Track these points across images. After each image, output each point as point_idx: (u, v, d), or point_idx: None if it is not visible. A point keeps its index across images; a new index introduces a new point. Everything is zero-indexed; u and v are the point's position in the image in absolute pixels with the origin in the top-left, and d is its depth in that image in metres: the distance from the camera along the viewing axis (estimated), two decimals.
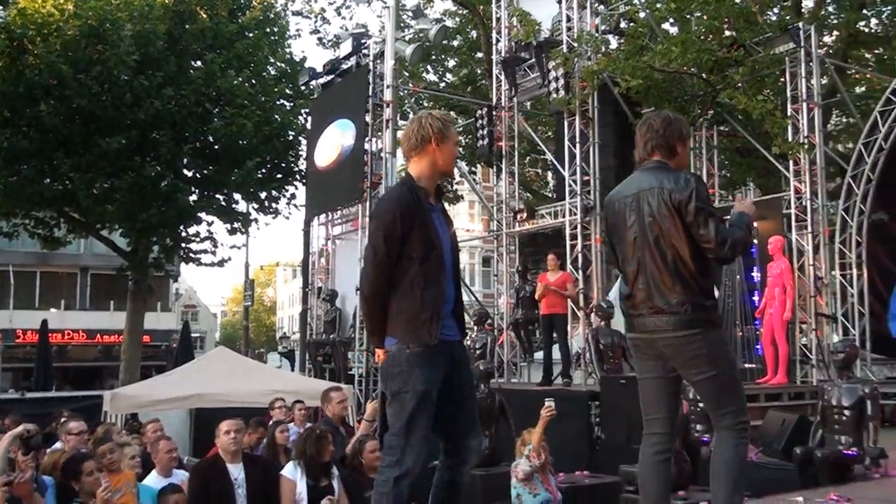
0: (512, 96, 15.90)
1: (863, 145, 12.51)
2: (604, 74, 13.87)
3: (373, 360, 14.72)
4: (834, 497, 5.62)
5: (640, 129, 3.97)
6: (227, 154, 19.70)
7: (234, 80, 19.20)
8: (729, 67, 13.37)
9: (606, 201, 4.04)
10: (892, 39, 18.58)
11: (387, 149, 15.71)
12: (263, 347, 62.87)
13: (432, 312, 3.59)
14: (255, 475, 6.70)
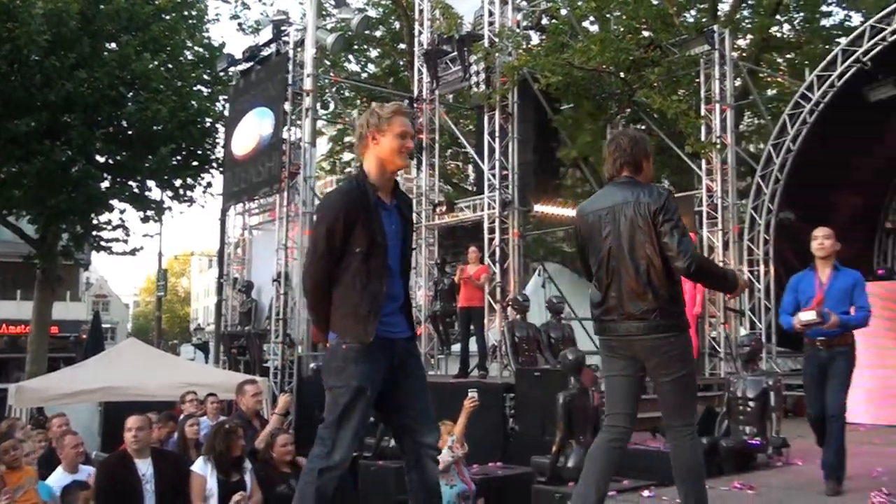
0: (433, 89, 15.91)
1: (772, 146, 12.89)
2: (524, 70, 13.99)
3: (289, 352, 14.58)
4: (738, 485, 5.80)
5: (609, 147, 4.20)
6: (141, 140, 19.22)
7: (150, 64, 18.74)
8: (646, 67, 13.65)
9: (579, 213, 4.25)
10: (802, 45, 19.24)
11: (306, 138, 15.55)
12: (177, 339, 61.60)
13: (370, 309, 3.57)
14: (164, 471, 6.57)
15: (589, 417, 7.96)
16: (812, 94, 12.24)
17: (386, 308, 3.64)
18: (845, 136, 12.70)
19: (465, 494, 6.74)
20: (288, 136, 15.66)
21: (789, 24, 20.61)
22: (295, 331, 14.80)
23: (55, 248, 20.39)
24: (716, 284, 4.42)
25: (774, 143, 12.80)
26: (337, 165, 24.30)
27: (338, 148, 24.13)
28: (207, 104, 20.99)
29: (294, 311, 14.88)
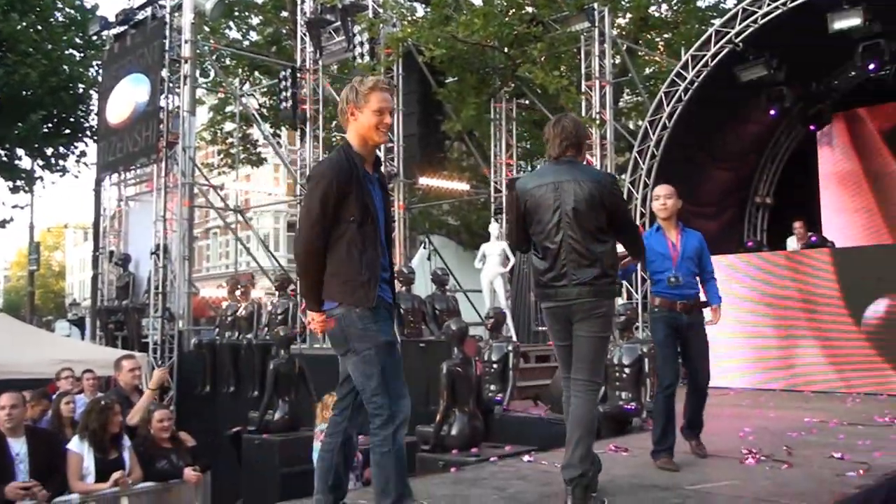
0: (317, 59, 15.69)
1: (648, 123, 13.26)
2: (409, 42, 13.96)
3: (168, 327, 14.21)
4: (612, 448, 6.01)
5: (554, 129, 4.45)
6: (9, 105, 18.27)
7: (18, 25, 17.81)
8: (528, 43, 13.84)
9: (523, 187, 4.45)
10: (679, 25, 19.83)
11: (185, 107, 15.09)
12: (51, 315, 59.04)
13: (370, 276, 3.63)
14: (38, 449, 6.39)
15: (472, 387, 8.10)
16: (687, 73, 12.64)
17: (382, 275, 3.73)
18: (718, 114, 13.20)
19: (354, 465, 6.75)
20: (166, 104, 15.14)
21: (667, 5, 21.21)
22: (175, 305, 14.43)
23: None
24: (637, 251, 4.67)
25: (651, 120, 13.17)
26: (218, 136, 23.68)
27: (219, 118, 23.49)
28: (80, 69, 20.13)
29: (174, 284, 14.50)
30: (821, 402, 9.27)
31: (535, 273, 4.47)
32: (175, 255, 14.64)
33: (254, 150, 24.38)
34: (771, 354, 10.72)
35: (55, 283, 68.64)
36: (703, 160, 13.79)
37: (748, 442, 6.31)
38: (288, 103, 15.77)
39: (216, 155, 25.14)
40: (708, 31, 12.97)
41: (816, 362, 10.35)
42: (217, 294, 22.33)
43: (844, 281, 10.31)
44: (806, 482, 4.86)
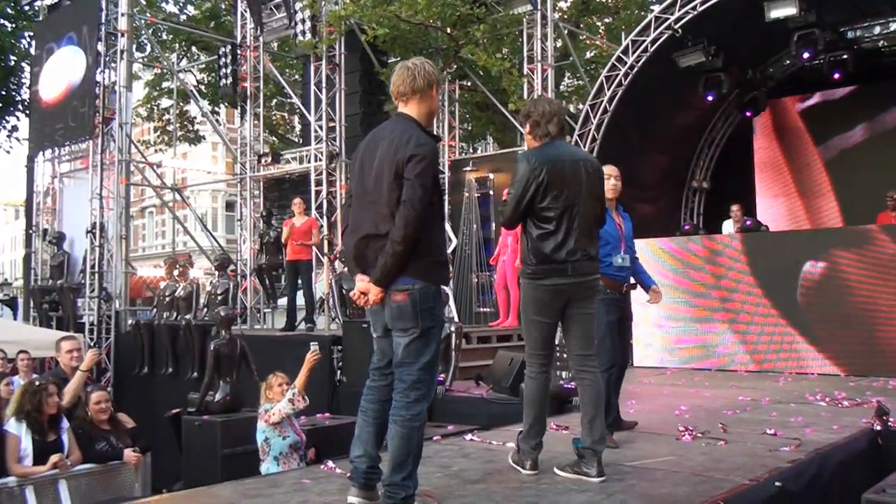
0: (258, 35, 15.49)
1: (589, 107, 13.39)
2: (351, 20, 13.86)
3: (105, 307, 13.96)
4: (554, 426, 6.12)
5: (550, 107, 4.70)
6: None
7: None
8: (471, 24, 13.85)
9: (543, 159, 4.46)
10: (620, 10, 20.03)
11: (121, 82, 14.77)
12: None
13: (446, 257, 3.95)
14: None
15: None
16: (627, 57, 12.78)
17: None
18: (657, 99, 13.39)
19: (297, 445, 6.77)
20: (102, 79, 14.79)
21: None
22: (111, 284, 14.18)
23: None
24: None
25: (592, 104, 13.31)
26: (155, 112, 23.20)
27: (155, 93, 23.01)
28: (11, 40, 19.50)
29: (111, 264, 14.24)
30: (754, 381, 9.56)
31: (537, 249, 4.44)
32: (112, 234, 14.37)
33: (191, 128, 23.97)
34: (708, 336, 10.99)
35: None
36: (642, 144, 13.99)
37: (685, 420, 6.50)
38: (228, 80, 15.54)
39: (153, 132, 24.66)
40: (648, 16, 13.12)
41: (750, 341, 10.67)
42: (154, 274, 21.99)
43: (777, 264, 10.63)
44: (741, 457, 5.02)
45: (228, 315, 9.87)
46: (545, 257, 4.42)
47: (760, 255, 10.82)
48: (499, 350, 9.77)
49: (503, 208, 4.61)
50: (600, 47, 19.62)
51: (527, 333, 4.64)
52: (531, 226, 4.46)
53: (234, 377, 9.50)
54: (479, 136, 22.31)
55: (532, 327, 4.59)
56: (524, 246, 4.54)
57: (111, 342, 13.81)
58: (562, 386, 7.79)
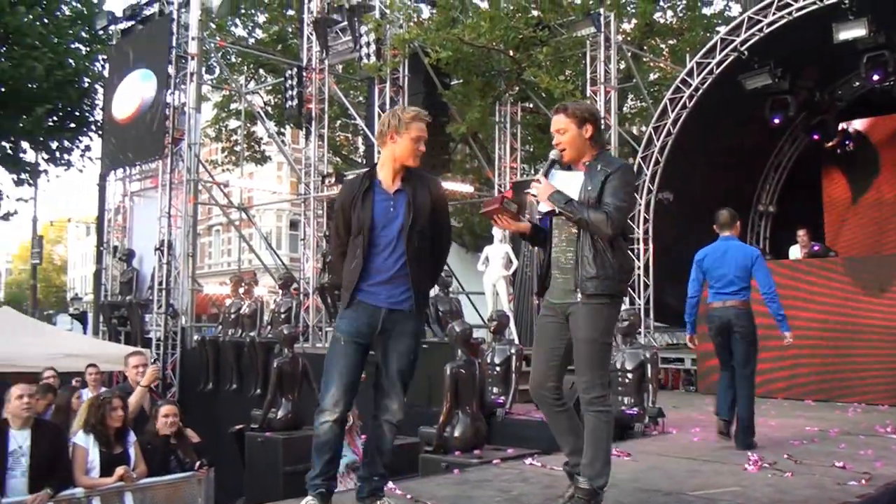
0: (323, 58, 15.72)
1: (653, 129, 13.29)
2: (415, 43, 13.98)
3: (172, 323, 14.27)
4: (615, 452, 6.03)
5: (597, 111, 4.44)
6: (15, 98, 18.26)
7: (24, 18, 17.79)
8: (534, 46, 13.86)
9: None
10: (684, 32, 19.87)
11: (190, 103, 15.14)
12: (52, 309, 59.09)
13: (349, 281, 4.13)
14: (41, 442, 6.38)
15: (475, 389, 8.14)
16: (692, 79, 12.68)
17: (370, 279, 4.10)
18: (722, 122, 13.24)
19: (355, 465, 6.79)
20: (172, 100, 15.18)
21: (672, 12, 21.28)
22: (178, 301, 14.47)
23: None
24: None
25: (655, 126, 13.21)
26: (223, 133, 23.70)
27: (224, 114, 23.52)
28: (86, 63, 20.16)
29: (178, 280, 14.53)
30: (821, 411, 9.31)
31: (630, 266, 4.20)
32: (179, 252, 14.67)
33: (258, 148, 24.41)
34: (774, 363, 10.74)
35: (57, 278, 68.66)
36: (706, 167, 13.82)
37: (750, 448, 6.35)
38: (293, 102, 15.79)
39: (220, 152, 25.17)
40: (713, 38, 13.00)
41: (818, 370, 10.38)
42: (219, 291, 22.36)
43: (846, 290, 10.35)
44: (808, 490, 4.89)
45: (291, 333, 10.00)
46: (630, 275, 4.27)
47: (828, 282, 10.55)
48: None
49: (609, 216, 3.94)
50: (664, 69, 19.47)
51: (602, 361, 4.14)
52: (622, 239, 4.10)
53: (297, 395, 9.61)
54: (541, 158, 22.26)
55: (607, 352, 4.24)
56: (611, 259, 3.99)
57: (177, 358, 14.08)
58: (622, 411, 7.69)
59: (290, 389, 9.61)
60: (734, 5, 20.76)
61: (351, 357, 4.09)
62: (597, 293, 3.98)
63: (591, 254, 4.00)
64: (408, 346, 4.14)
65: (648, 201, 13.42)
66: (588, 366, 4.07)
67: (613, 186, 3.99)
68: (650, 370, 7.87)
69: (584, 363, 4.07)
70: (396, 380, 4.11)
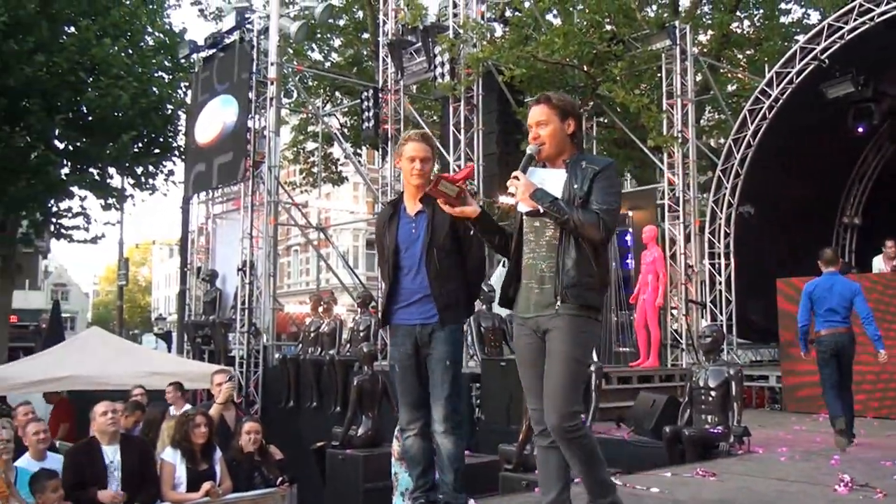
0: (398, 79, 15.90)
1: (732, 141, 13.07)
2: (489, 62, 14.04)
3: (254, 342, 14.55)
4: (700, 472, 5.93)
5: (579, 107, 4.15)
6: (102, 126, 18.90)
7: (110, 49, 18.41)
8: (608, 61, 13.78)
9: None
10: (762, 42, 19.50)
11: (270, 127, 15.47)
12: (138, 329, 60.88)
13: (382, 305, 4.44)
14: (130, 458, 6.58)
15: None
16: (771, 90, 12.43)
17: (401, 301, 4.30)
18: (803, 132, 12.94)
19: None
20: (252, 124, 15.55)
21: (749, 21, 20.90)
22: (260, 320, 14.75)
23: (14, 236, 20.05)
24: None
25: (735, 138, 12.99)
26: (301, 155, 24.16)
27: (301, 137, 23.98)
28: (169, 91, 20.73)
29: (259, 300, 14.82)
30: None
31: (606, 279, 3.74)
32: (260, 272, 14.97)
33: (335, 169, 24.79)
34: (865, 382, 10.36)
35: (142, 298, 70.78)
36: (787, 179, 13.52)
37: (840, 469, 6.15)
38: (370, 123, 16.01)
39: (298, 174, 25.64)
40: (792, 47, 12.73)
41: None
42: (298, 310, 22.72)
43: None
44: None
45: (371, 351, 10.09)
46: (608, 287, 3.87)
47: None
48: (640, 391, 9.56)
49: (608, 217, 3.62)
50: (742, 80, 19.12)
51: (578, 383, 3.70)
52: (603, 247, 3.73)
53: (376, 412, 9.68)
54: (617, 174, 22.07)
55: (584, 375, 3.93)
56: (593, 266, 3.62)
57: (259, 376, 14.33)
58: (707, 430, 7.53)
59: (369, 407, 9.70)
60: (813, 13, 20.32)
61: (407, 379, 4.32)
62: (579, 304, 3.57)
63: (573, 260, 3.59)
64: (441, 352, 4.23)
65: (729, 215, 13.17)
66: (563, 389, 3.55)
67: (602, 186, 3.65)
68: (735, 388, 7.68)
69: (559, 385, 3.55)
70: (437, 388, 4.22)
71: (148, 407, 9.21)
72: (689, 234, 13.13)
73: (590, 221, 3.53)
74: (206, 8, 23.58)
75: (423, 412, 4.28)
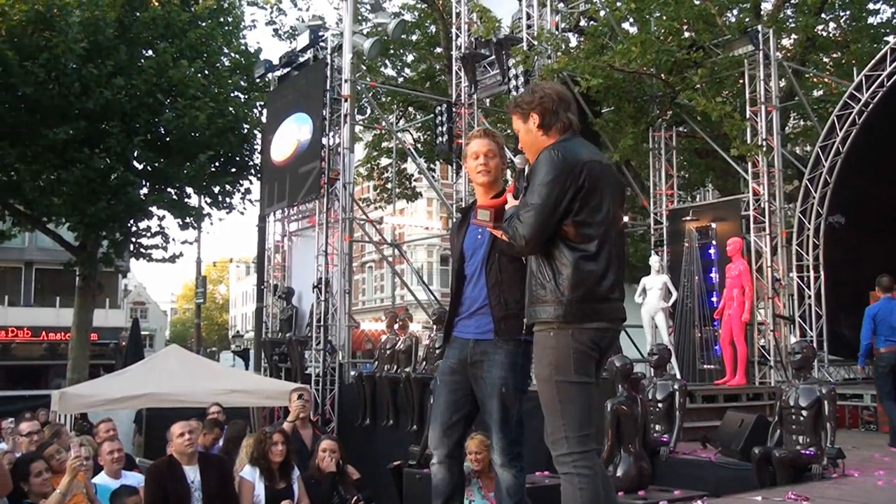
0: (472, 93, 15.94)
1: (820, 148, 12.74)
2: (564, 73, 13.96)
3: (330, 359, 14.71)
4: (792, 496, 5.75)
5: (563, 90, 3.74)
6: (179, 146, 19.47)
7: (187, 71, 18.97)
8: (688, 69, 13.56)
9: (578, 157, 3.49)
10: (849, 44, 18.96)
11: (345, 144, 15.69)
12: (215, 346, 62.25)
13: (448, 312, 4.16)
14: (210, 477, 6.67)
15: (637, 426, 7.95)
16: (861, 94, 12.08)
17: (462, 312, 4.06)
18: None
19: None
20: (326, 141, 15.80)
21: (835, 23, 20.33)
22: (336, 337, 14.92)
23: (95, 256, 20.71)
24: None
25: (822, 145, 12.65)
26: (375, 171, 24.43)
27: (375, 153, 24.25)
28: (245, 110, 21.23)
29: (335, 317, 14.99)
30: None
31: (582, 280, 3.40)
32: (336, 289, 15.14)
33: (409, 185, 24.98)
34: None
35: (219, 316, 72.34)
36: (879, 187, 13.06)
37: None
38: (444, 138, 16.08)
39: (373, 190, 25.92)
40: (882, 49, 12.35)
41: None
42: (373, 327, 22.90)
43: None
44: None
45: None
46: (591, 293, 3.41)
47: None
48: (727, 410, 9.34)
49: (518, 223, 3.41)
50: (829, 85, 18.62)
51: (562, 406, 3.46)
52: (563, 248, 3.42)
53: None
54: (698, 184, 21.71)
55: (573, 394, 3.45)
56: (547, 276, 3.43)
57: (335, 393, 14.47)
58: (799, 451, 7.30)
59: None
60: None
61: (446, 396, 4.02)
62: (539, 320, 3.44)
63: (531, 273, 3.50)
64: (496, 377, 3.88)
65: (818, 225, 12.81)
66: (547, 413, 3.47)
67: (532, 183, 3.42)
68: (827, 407, 7.43)
69: (544, 410, 3.50)
70: (491, 417, 3.92)
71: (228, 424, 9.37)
72: (776, 246, 12.81)
73: (509, 232, 3.47)
74: (281, 27, 24.16)
75: (452, 439, 4.00)
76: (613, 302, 3.49)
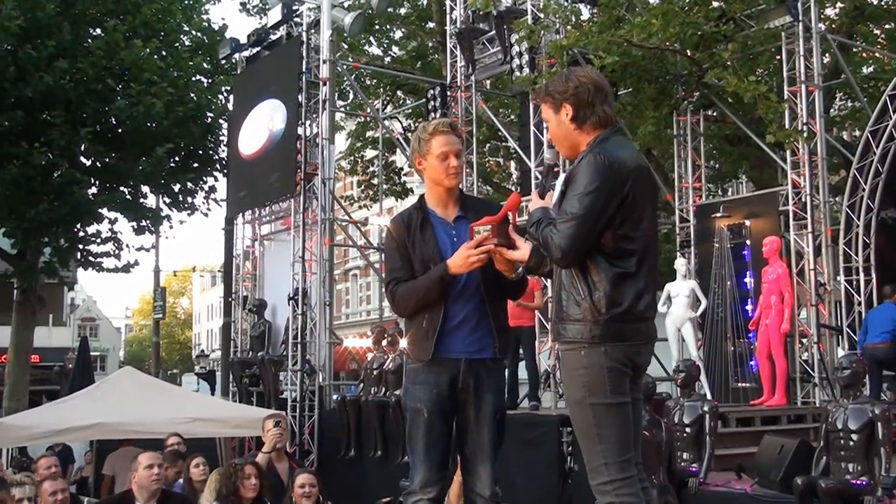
0: (469, 74, 15.99)
1: (870, 133, 12.79)
2: (574, 50, 14.00)
3: (308, 381, 14.69)
4: None
5: (599, 78, 3.83)
6: (133, 139, 19.41)
7: (141, 52, 18.91)
8: (717, 43, 13.61)
9: (625, 163, 3.59)
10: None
11: (323, 133, 15.70)
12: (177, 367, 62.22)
13: (426, 330, 4.02)
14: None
15: (662, 454, 7.96)
16: None
17: (446, 326, 3.97)
18: None
19: None
20: (303, 131, 15.79)
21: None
22: (315, 356, 14.90)
23: (36, 265, 20.61)
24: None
25: (873, 130, 12.71)
26: (358, 164, 24.45)
27: (358, 144, 24.28)
28: (208, 96, 21.18)
29: (314, 333, 14.98)
30: None
31: (621, 298, 3.53)
32: (315, 301, 15.13)
33: (398, 180, 25.01)
34: None
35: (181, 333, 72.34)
36: None
37: None
38: None
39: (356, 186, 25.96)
40: None
41: None
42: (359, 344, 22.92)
43: None
44: None
45: None
46: (628, 312, 3.54)
47: None
48: (765, 435, 9.37)
49: (554, 233, 3.52)
50: (881, 60, 18.69)
51: (599, 431, 3.58)
52: (602, 262, 3.53)
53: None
54: (730, 176, 21.79)
55: (611, 416, 3.57)
56: (582, 292, 3.56)
57: (315, 420, 14.45)
58: (848, 481, 7.32)
59: None
60: None
61: (437, 430, 4.03)
62: (569, 339, 3.59)
63: (562, 287, 3.62)
64: (492, 404, 4.05)
65: (868, 221, 12.86)
66: (582, 439, 3.64)
67: (573, 189, 3.53)
68: (881, 430, 7.44)
69: (578, 436, 3.68)
70: (486, 447, 4.02)
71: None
72: (820, 246, 12.85)
73: (544, 240, 3.56)
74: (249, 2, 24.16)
75: (443, 475, 4.07)
76: (649, 321, 3.67)
